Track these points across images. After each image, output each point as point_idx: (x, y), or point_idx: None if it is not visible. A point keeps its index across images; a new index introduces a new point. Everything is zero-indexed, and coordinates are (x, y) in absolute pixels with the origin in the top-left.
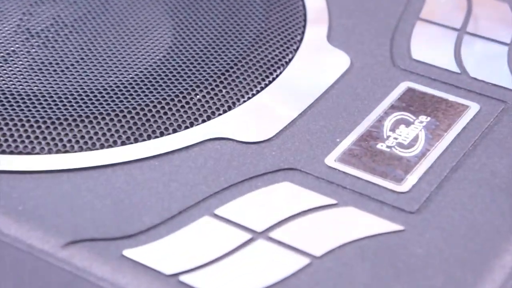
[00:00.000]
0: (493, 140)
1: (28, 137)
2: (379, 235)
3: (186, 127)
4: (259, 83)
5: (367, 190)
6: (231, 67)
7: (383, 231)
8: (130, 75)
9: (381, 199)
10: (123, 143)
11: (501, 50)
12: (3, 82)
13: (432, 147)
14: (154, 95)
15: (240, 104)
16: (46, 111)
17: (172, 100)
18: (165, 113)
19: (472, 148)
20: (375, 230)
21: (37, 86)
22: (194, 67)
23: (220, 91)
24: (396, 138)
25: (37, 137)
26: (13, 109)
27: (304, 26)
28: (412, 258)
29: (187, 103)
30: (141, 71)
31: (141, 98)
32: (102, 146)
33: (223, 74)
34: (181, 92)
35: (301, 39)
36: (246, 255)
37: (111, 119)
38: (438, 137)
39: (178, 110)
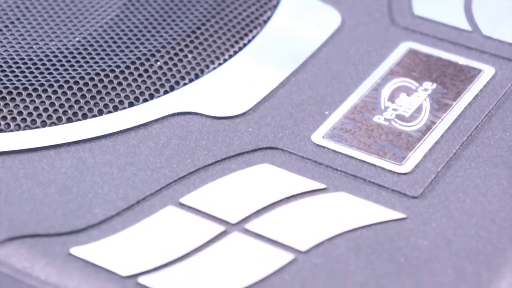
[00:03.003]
0: (511, 110)
1: None
2: (376, 224)
3: (145, 100)
4: (231, 46)
5: (361, 172)
6: (198, 28)
7: (380, 219)
8: (77, 39)
9: (378, 182)
10: (69, 120)
11: None
12: None
13: (438, 120)
14: (105, 62)
15: (209, 72)
16: None
17: (128, 67)
18: (119, 84)
19: (486, 119)
20: (371, 219)
21: None
22: (154, 27)
23: (185, 56)
24: (395, 110)
25: None
26: None
27: None
28: (416, 250)
29: (146, 71)
30: (90, 34)
31: (90, 66)
32: (43, 124)
33: (188, 36)
34: (138, 58)
35: None
36: (218, 251)
37: (54, 91)
38: (446, 107)
39: (135, 80)
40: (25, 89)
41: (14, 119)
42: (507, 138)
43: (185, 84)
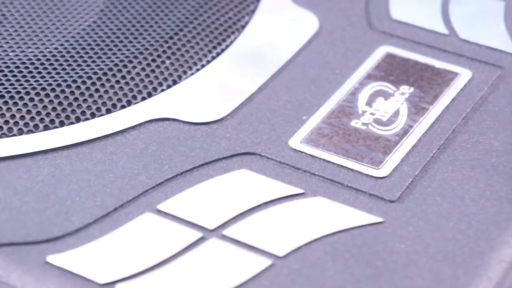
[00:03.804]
0: (488, 113)
1: None
2: (354, 228)
3: (123, 107)
4: (209, 52)
5: (339, 176)
6: (176, 34)
7: (358, 224)
8: (54, 45)
9: (356, 187)
10: (46, 127)
11: (496, 6)
12: None
13: (415, 123)
14: (83, 69)
15: (187, 78)
16: None
17: (105, 74)
18: (97, 90)
19: (463, 122)
20: (349, 223)
21: None
22: (131, 34)
23: (163, 62)
24: (373, 114)
25: None
26: None
27: None
28: (393, 254)
29: (123, 77)
30: (67, 40)
31: (67, 73)
32: (20, 132)
33: (166, 42)
34: (116, 65)
35: None
36: (196, 257)
37: (31, 99)
38: (423, 111)
39: (112, 87)
40: (1, 96)
41: None
42: (484, 141)
43: (162, 90)
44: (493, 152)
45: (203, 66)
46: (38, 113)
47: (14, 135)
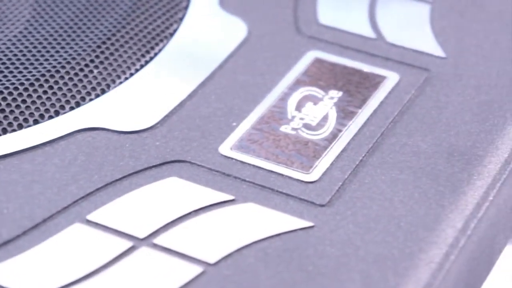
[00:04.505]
0: (415, 116)
1: None
2: (285, 233)
3: (51, 117)
4: (138, 60)
5: (269, 182)
6: (103, 42)
7: (289, 229)
8: None
9: (286, 192)
10: None
11: (422, 9)
12: None
13: (344, 127)
14: (9, 80)
15: (115, 87)
16: None
17: (32, 84)
18: (24, 101)
19: (391, 125)
20: (279, 229)
21: None
22: (58, 43)
23: (91, 71)
24: (302, 119)
25: None
26: None
27: None
28: (324, 258)
29: (51, 87)
30: None
31: None
32: None
33: (93, 51)
34: (43, 75)
35: (187, 5)
36: (126, 266)
37: None
38: (352, 115)
39: (39, 97)
40: None
41: None
42: (412, 144)
43: (91, 99)
44: (420, 154)
45: (131, 74)
46: None
47: None
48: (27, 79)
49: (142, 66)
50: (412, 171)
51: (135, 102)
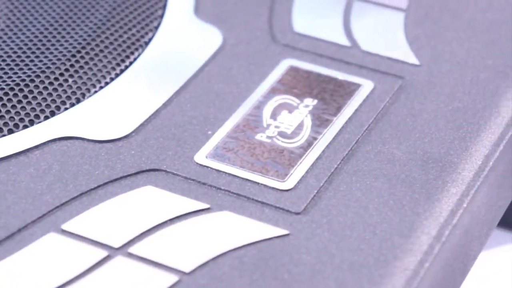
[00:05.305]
0: (390, 123)
1: None
2: (260, 242)
3: (25, 126)
4: (113, 69)
5: (245, 190)
6: (78, 51)
7: (264, 237)
8: None
9: (261, 200)
10: None
11: (396, 17)
12: None
13: (319, 135)
14: None
15: (90, 96)
16: None
17: (6, 94)
18: None
19: (366, 133)
20: (255, 237)
21: None
22: (33, 52)
23: (66, 80)
24: (277, 127)
25: None
26: None
27: None
28: (299, 266)
29: (25, 97)
30: None
31: None
32: None
33: (68, 60)
34: (17, 84)
35: (163, 14)
36: (101, 276)
37: None
38: (327, 122)
39: (14, 106)
40: None
41: None
42: (386, 151)
43: (66, 108)
44: (395, 161)
45: (107, 83)
46: None
47: None
48: (1, 89)
49: (117, 75)
50: (387, 179)
51: (110, 111)
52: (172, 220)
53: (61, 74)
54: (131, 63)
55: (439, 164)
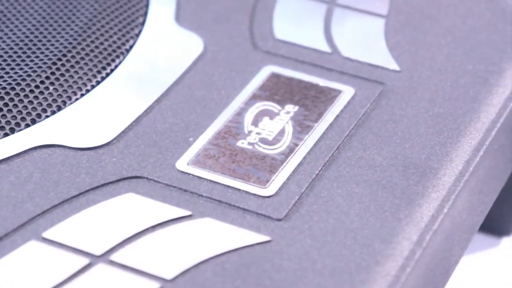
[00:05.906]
0: (371, 129)
1: None
2: (242, 248)
3: (6, 134)
4: (94, 76)
5: (226, 197)
6: (59, 59)
7: (246, 243)
8: None
9: (243, 206)
10: None
11: (377, 23)
12: None
13: (300, 142)
14: None
15: (71, 103)
16: None
17: None
18: None
19: (347, 139)
20: (236, 243)
21: None
22: (13, 60)
23: (47, 88)
24: (259, 133)
25: None
26: None
27: (147, 6)
28: (281, 272)
29: (6, 104)
30: None
31: None
32: None
33: (49, 67)
34: None
35: (144, 21)
36: (83, 284)
37: None
38: (308, 129)
39: None
40: None
41: None
42: (367, 157)
43: (47, 116)
44: (376, 167)
45: (88, 91)
46: None
47: None
48: None
49: (98, 82)
50: (368, 184)
51: (92, 118)
52: (153, 227)
53: (42, 82)
54: (112, 70)
55: (419, 170)
